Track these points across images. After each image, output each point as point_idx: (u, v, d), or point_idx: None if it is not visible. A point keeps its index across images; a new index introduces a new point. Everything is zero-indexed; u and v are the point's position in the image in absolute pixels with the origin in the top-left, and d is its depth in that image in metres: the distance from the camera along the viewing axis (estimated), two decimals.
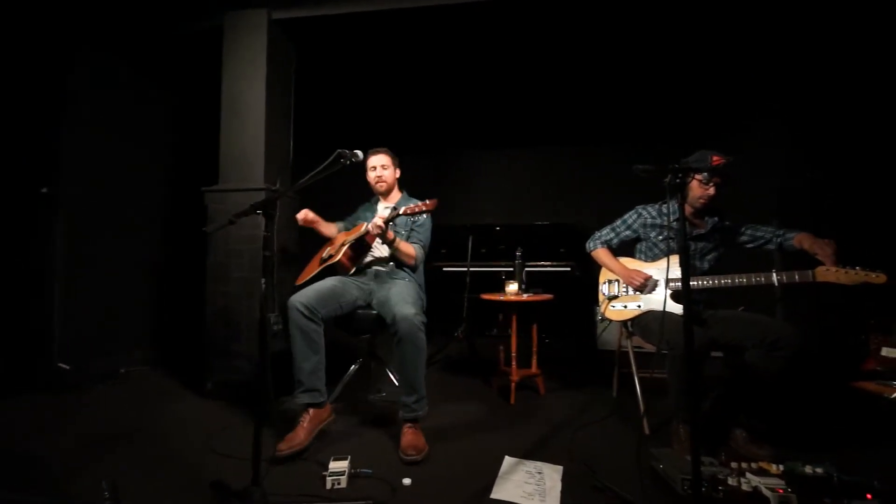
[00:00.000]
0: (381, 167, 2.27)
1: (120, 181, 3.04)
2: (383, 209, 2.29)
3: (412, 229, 2.22)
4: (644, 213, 2.10)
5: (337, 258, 2.10)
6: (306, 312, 1.87)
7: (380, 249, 2.22)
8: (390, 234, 2.01)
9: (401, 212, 1.93)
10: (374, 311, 2.10)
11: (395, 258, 2.17)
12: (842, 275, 1.61)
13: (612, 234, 2.16)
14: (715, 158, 1.79)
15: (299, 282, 2.23)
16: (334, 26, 2.76)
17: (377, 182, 2.29)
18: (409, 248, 2.13)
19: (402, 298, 1.93)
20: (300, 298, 1.89)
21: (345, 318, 2.08)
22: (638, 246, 2.15)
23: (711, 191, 1.85)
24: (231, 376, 2.45)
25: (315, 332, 1.88)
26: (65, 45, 2.69)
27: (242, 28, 2.63)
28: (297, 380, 1.87)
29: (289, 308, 1.88)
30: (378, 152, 2.28)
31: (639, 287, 1.99)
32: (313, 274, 2.20)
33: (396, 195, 2.36)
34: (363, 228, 2.07)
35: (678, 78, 3.64)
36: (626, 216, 2.15)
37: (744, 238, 1.97)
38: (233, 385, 2.42)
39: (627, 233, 2.13)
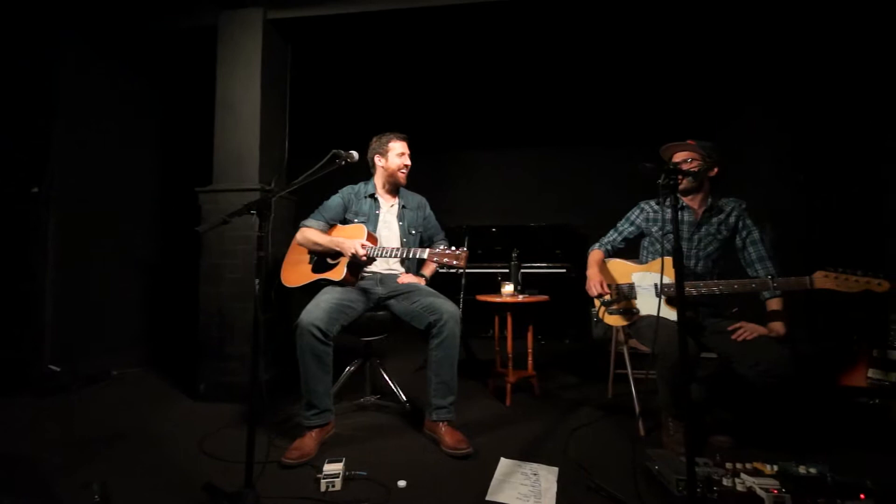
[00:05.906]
0: (407, 155, 2.13)
1: (112, 181, 3.02)
2: (389, 207, 2.19)
3: (427, 229, 2.29)
4: (647, 207, 2.09)
5: (341, 277, 1.99)
6: (320, 336, 1.76)
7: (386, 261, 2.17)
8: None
9: (426, 256, 1.81)
10: (383, 313, 2.07)
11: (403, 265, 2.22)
12: (841, 282, 1.55)
13: (615, 234, 2.14)
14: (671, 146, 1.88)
15: (291, 284, 2.14)
16: (330, 26, 2.75)
17: (401, 170, 2.13)
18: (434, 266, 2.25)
19: (440, 297, 1.93)
20: (312, 321, 1.76)
21: (350, 324, 1.97)
22: (642, 242, 2.13)
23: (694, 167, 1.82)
24: (224, 378, 2.42)
25: (327, 355, 1.80)
26: (56, 43, 2.66)
27: (237, 27, 2.61)
28: (309, 402, 1.79)
29: (300, 331, 1.76)
30: (404, 138, 2.13)
31: (595, 296, 1.99)
32: (308, 282, 2.09)
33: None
34: (362, 252, 1.88)
35: (674, 80, 3.67)
36: (629, 213, 2.14)
37: (738, 244, 1.93)
38: (225, 387, 2.40)
39: (631, 229, 2.11)
